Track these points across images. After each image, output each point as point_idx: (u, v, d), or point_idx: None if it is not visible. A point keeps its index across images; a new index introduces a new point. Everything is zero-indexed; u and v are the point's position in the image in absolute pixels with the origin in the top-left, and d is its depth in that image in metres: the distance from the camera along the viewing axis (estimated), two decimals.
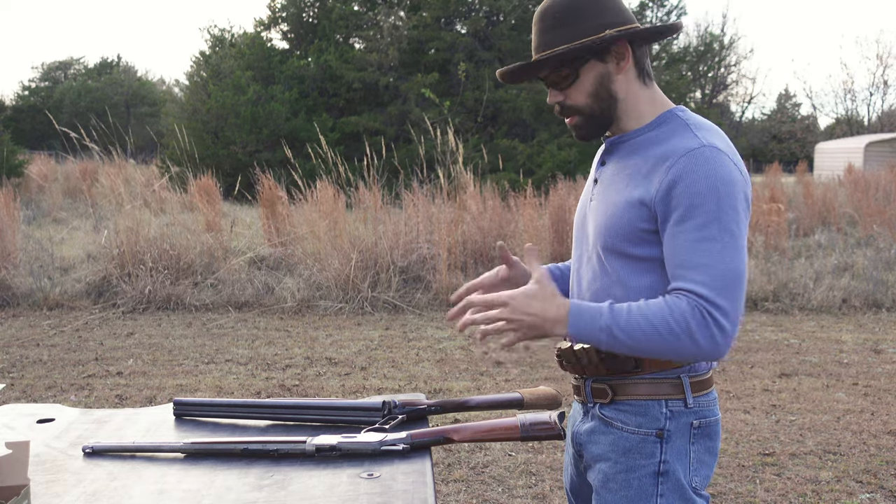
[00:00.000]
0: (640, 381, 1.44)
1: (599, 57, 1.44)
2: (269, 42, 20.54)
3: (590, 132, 1.50)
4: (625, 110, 1.48)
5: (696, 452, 1.45)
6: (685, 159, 1.36)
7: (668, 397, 1.43)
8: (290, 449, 1.46)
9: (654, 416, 1.43)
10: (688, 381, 1.44)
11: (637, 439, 1.44)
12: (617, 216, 1.43)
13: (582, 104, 1.46)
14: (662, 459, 1.42)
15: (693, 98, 31.20)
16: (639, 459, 1.43)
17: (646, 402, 1.44)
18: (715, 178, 1.35)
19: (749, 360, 5.49)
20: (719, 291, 1.32)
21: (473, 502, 3.25)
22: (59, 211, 13.40)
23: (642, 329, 1.33)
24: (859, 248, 9.21)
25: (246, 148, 17.39)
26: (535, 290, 1.37)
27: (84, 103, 36.89)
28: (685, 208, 1.35)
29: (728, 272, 1.33)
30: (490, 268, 7.68)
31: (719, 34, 36.01)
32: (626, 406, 1.45)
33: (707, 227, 1.33)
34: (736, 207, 1.35)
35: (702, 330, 1.31)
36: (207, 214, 8.72)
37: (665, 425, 1.43)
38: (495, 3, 19.00)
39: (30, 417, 1.76)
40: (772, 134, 39.35)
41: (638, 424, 1.44)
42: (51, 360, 5.45)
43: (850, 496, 3.31)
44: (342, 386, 4.84)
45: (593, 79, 1.45)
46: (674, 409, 1.43)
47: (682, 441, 1.44)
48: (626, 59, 1.44)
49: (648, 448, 1.43)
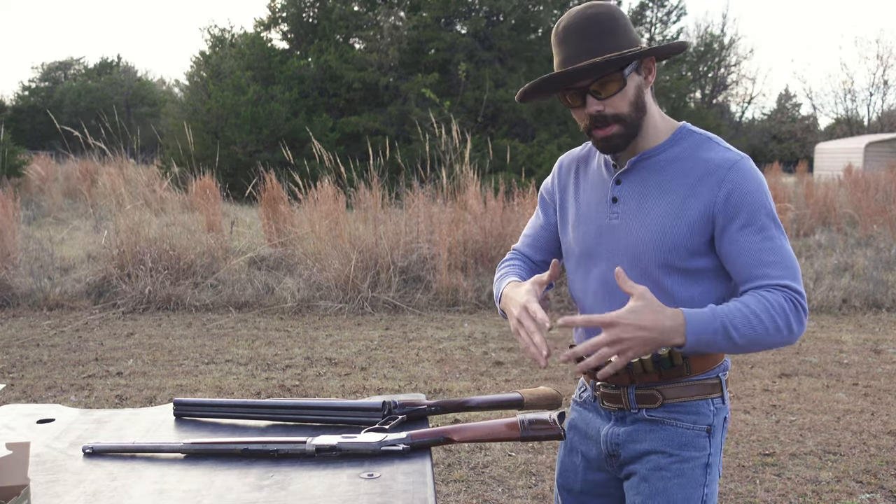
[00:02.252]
0: (690, 383, 1.55)
1: (638, 69, 1.53)
2: (269, 42, 20.55)
3: (624, 142, 1.54)
4: (647, 125, 1.56)
5: (723, 443, 1.61)
6: (734, 171, 1.49)
7: (712, 396, 1.57)
8: (290, 449, 1.46)
9: (704, 414, 1.56)
10: (724, 380, 1.58)
11: (692, 434, 1.55)
12: (669, 233, 1.51)
13: (626, 112, 1.51)
14: (710, 452, 1.56)
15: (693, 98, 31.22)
16: (693, 452, 1.55)
17: (697, 401, 1.56)
18: (762, 185, 1.50)
19: (749, 360, 5.49)
20: (798, 280, 1.48)
21: (473, 502, 3.25)
22: (60, 211, 13.41)
23: (753, 326, 1.42)
24: (859, 248, 9.21)
25: (246, 148, 17.39)
26: (641, 305, 1.40)
27: (84, 103, 36.88)
28: (747, 215, 1.47)
29: (794, 263, 1.49)
30: (490, 268, 7.67)
31: (719, 34, 36.05)
32: (679, 407, 1.56)
33: (767, 228, 1.48)
34: (773, 206, 1.53)
35: (796, 317, 1.44)
36: (207, 214, 8.72)
37: (712, 421, 1.56)
38: (495, 3, 19.00)
39: (30, 418, 1.76)
40: (772, 134, 39.36)
41: (693, 422, 1.55)
42: (51, 360, 5.45)
43: (850, 496, 3.31)
44: (342, 386, 4.84)
45: (634, 88, 1.52)
46: (716, 406, 1.57)
47: (720, 435, 1.59)
48: (653, 74, 1.55)
49: (701, 442, 1.55)
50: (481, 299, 7.24)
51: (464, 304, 7.14)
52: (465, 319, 6.76)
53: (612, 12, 1.51)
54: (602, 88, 1.49)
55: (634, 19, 24.19)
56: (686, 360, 1.51)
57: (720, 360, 1.57)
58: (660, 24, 27.32)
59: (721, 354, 1.56)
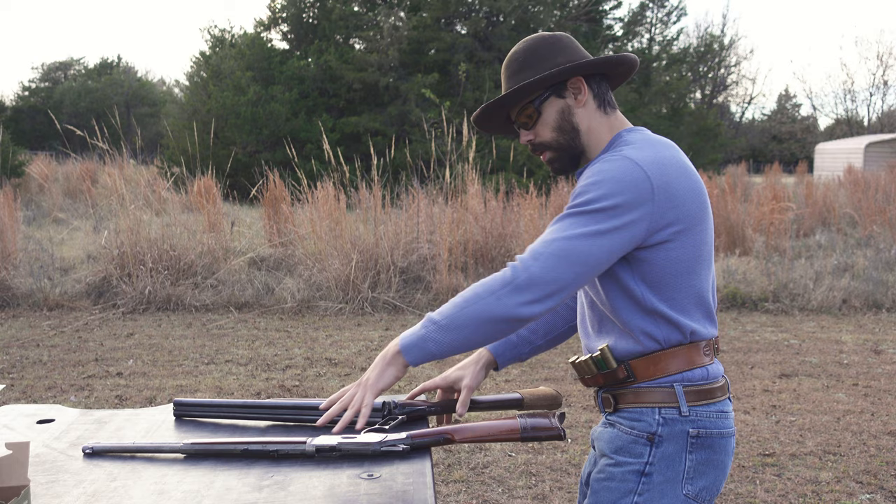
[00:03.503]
0: (637, 389, 1.53)
1: (558, 93, 1.56)
2: (270, 42, 20.56)
3: (563, 165, 1.62)
4: (588, 141, 1.58)
5: (694, 462, 1.50)
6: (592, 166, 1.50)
7: (662, 405, 1.50)
8: (290, 449, 1.46)
9: (647, 422, 1.51)
10: (681, 390, 1.50)
11: (629, 439, 1.52)
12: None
13: (549, 139, 1.58)
14: (648, 462, 1.50)
15: (693, 98, 31.23)
16: (626, 457, 1.52)
17: (641, 409, 1.52)
18: (598, 175, 1.44)
19: (749, 360, 5.50)
20: (528, 252, 1.41)
21: (473, 502, 3.25)
22: (60, 211, 13.41)
23: (455, 303, 1.43)
24: (859, 249, 9.21)
25: (246, 148, 17.40)
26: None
27: (84, 104, 36.88)
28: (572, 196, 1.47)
29: (546, 245, 1.41)
30: (490, 269, 7.68)
31: (719, 35, 36.03)
32: (627, 413, 1.54)
33: (562, 217, 1.45)
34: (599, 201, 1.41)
35: (499, 279, 1.41)
36: (208, 215, 8.72)
37: (657, 430, 1.50)
38: (495, 3, 19.01)
39: (30, 418, 1.76)
40: (772, 134, 39.38)
41: (631, 427, 1.52)
42: (51, 360, 5.45)
43: (850, 497, 3.31)
44: (342, 386, 4.84)
45: (555, 114, 1.57)
46: (667, 416, 1.50)
47: (674, 448, 1.50)
48: (583, 93, 1.56)
49: (637, 449, 1.51)
50: None
51: None
52: None
53: (532, 47, 1.57)
54: (525, 121, 1.59)
55: (634, 20, 24.15)
56: (625, 364, 1.51)
57: (674, 370, 1.50)
58: (660, 24, 27.32)
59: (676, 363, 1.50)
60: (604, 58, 1.56)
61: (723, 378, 1.59)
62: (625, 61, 1.58)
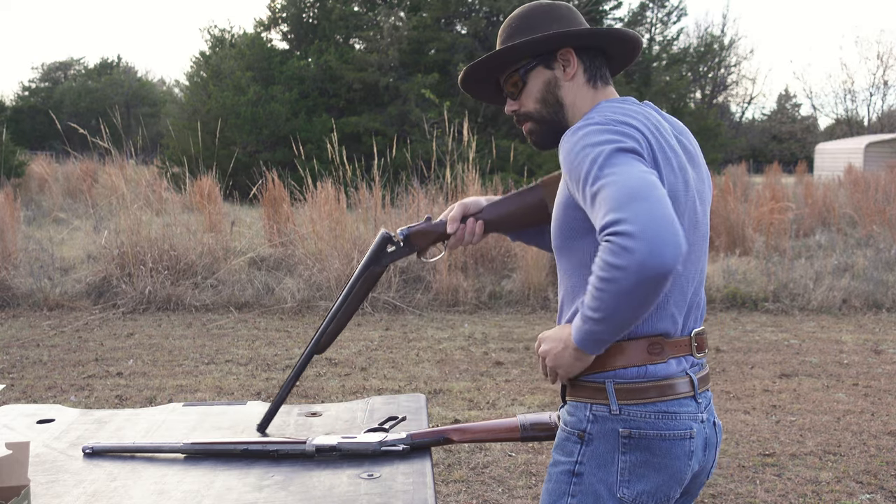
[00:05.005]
0: (578, 383, 1.45)
1: (546, 64, 1.49)
2: (270, 42, 20.57)
3: (543, 138, 1.55)
4: (573, 115, 1.50)
5: (627, 463, 1.40)
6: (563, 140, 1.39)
7: (592, 401, 1.42)
8: (289, 450, 1.47)
9: (579, 418, 1.44)
10: (611, 387, 1.40)
11: (563, 436, 1.46)
12: (557, 216, 1.46)
13: (531, 109, 1.52)
14: (578, 461, 1.42)
15: (693, 98, 31.22)
16: (561, 455, 1.46)
17: (577, 403, 1.45)
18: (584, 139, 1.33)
19: (749, 360, 5.50)
20: (616, 209, 1.21)
21: (473, 502, 3.25)
22: (60, 211, 13.40)
23: (593, 295, 1.27)
24: (859, 249, 9.21)
25: (246, 148, 17.40)
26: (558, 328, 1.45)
27: (84, 104, 36.88)
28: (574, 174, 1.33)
29: (617, 190, 1.23)
30: (490, 269, 7.68)
31: (719, 35, 36.02)
32: (568, 406, 1.48)
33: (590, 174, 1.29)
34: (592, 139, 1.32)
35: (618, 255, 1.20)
36: (208, 214, 8.72)
37: (587, 428, 1.42)
38: (495, 3, 19.00)
39: (30, 418, 1.76)
40: (772, 134, 39.36)
41: (566, 423, 1.47)
42: (51, 360, 5.45)
43: (850, 497, 3.31)
44: (342, 386, 4.84)
45: (541, 85, 1.50)
46: (597, 413, 1.42)
47: (605, 447, 1.41)
48: (572, 66, 1.48)
49: (570, 447, 1.44)
50: (481, 300, 7.24)
51: (464, 305, 7.14)
52: (466, 320, 6.76)
53: (526, 13, 1.51)
54: (512, 90, 1.53)
55: (634, 20, 24.14)
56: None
57: (607, 366, 1.41)
58: (660, 24, 27.32)
59: (609, 359, 1.40)
60: (594, 28, 1.47)
61: (678, 377, 1.42)
62: (621, 36, 1.48)
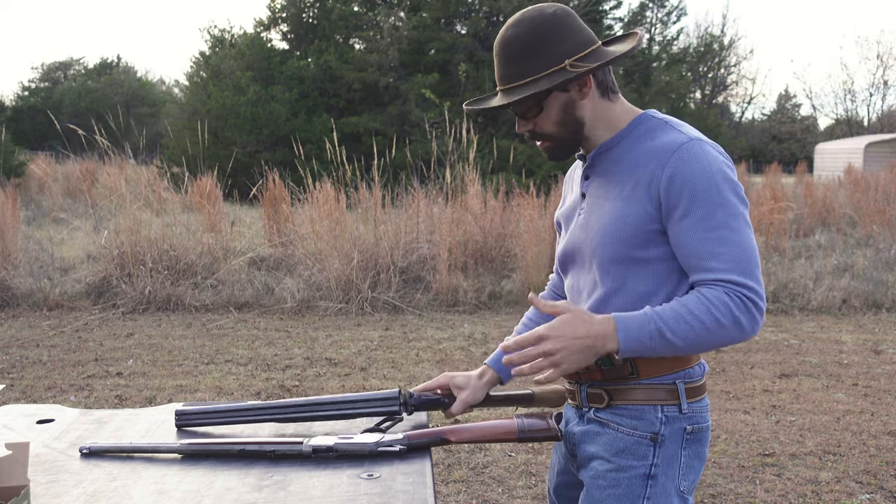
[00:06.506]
0: (636, 386, 1.46)
1: (565, 87, 1.47)
2: (269, 42, 20.57)
3: (559, 154, 1.55)
4: (594, 128, 1.51)
5: (686, 457, 1.47)
6: (677, 154, 1.40)
7: (664, 403, 1.45)
8: (286, 450, 1.46)
9: (649, 421, 1.45)
10: (683, 388, 1.46)
11: (631, 441, 1.45)
12: (621, 221, 1.44)
13: (550, 132, 1.51)
14: (654, 463, 1.44)
15: (693, 98, 31.21)
16: (631, 460, 1.45)
17: (642, 406, 1.46)
18: (711, 168, 1.39)
19: (749, 360, 5.49)
20: (747, 274, 1.36)
21: (473, 502, 3.25)
22: (60, 211, 13.40)
23: (691, 326, 1.34)
24: (859, 249, 9.21)
25: (246, 148, 17.40)
26: (569, 316, 1.37)
27: (84, 104, 36.87)
28: (688, 202, 1.38)
29: (746, 254, 1.37)
30: (490, 268, 7.67)
31: (719, 35, 36.04)
32: (623, 410, 1.47)
33: (713, 216, 1.37)
34: (735, 190, 1.40)
35: (745, 315, 1.34)
36: (208, 214, 8.72)
37: (660, 430, 1.45)
38: (495, 3, 19.01)
39: (29, 418, 1.76)
40: (772, 134, 39.36)
41: (633, 427, 1.46)
42: (50, 360, 5.45)
43: (850, 497, 3.31)
44: (342, 386, 4.84)
45: (558, 108, 1.48)
46: (669, 414, 1.45)
47: (674, 446, 1.46)
48: (588, 86, 1.48)
49: (642, 450, 1.45)
50: (481, 300, 7.24)
51: (464, 305, 7.14)
52: (465, 320, 6.76)
53: (532, 30, 1.44)
54: (524, 113, 1.49)
55: (634, 20, 24.12)
56: (630, 361, 1.44)
57: (679, 367, 1.46)
58: (660, 24, 27.32)
59: (680, 360, 1.45)
60: (616, 57, 1.47)
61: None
62: (631, 55, 1.52)
